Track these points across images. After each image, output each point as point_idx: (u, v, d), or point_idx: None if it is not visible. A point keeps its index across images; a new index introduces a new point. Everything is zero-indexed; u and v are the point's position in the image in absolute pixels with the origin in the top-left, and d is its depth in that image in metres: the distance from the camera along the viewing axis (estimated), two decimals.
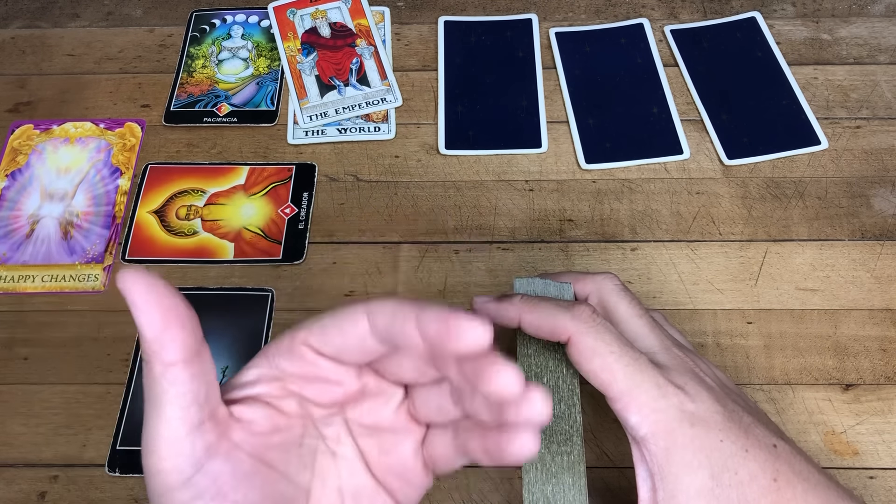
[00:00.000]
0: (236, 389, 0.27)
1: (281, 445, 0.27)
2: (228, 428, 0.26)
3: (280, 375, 0.27)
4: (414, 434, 0.29)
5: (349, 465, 0.28)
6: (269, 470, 0.26)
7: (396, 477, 0.28)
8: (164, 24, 0.58)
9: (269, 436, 0.27)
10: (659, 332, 0.33)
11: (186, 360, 0.24)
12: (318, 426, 0.28)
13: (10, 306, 0.46)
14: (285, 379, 0.27)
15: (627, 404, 0.30)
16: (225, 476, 0.25)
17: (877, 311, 0.45)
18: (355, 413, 0.29)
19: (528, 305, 0.32)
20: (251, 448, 0.26)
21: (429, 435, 0.29)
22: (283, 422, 0.27)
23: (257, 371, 0.27)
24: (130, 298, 0.23)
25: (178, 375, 0.24)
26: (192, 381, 0.24)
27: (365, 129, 0.52)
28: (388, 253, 0.47)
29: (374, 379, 0.28)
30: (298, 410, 0.27)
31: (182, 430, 0.24)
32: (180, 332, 0.24)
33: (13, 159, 0.52)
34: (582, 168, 0.50)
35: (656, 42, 0.56)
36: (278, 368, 0.27)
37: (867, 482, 0.40)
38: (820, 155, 0.51)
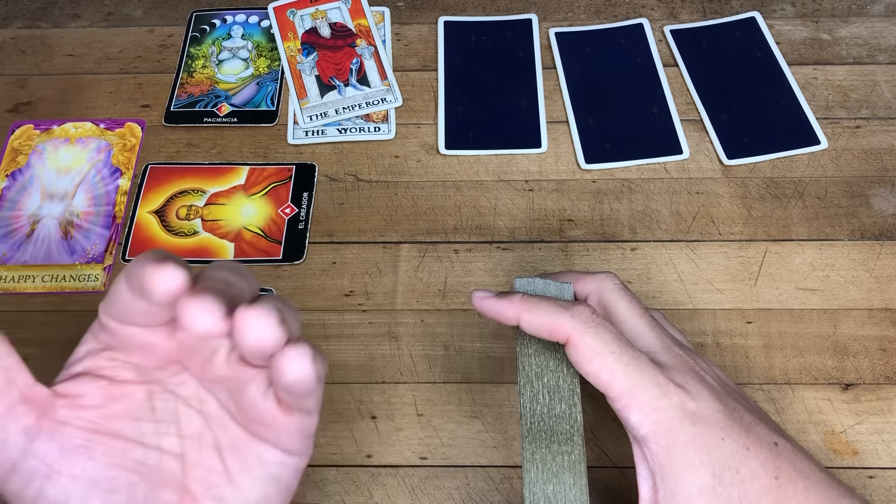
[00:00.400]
0: (66, 369, 0.27)
1: (125, 414, 0.27)
2: (50, 407, 0.26)
3: (103, 347, 0.27)
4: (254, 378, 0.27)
5: (217, 420, 0.28)
6: (113, 439, 0.26)
7: (260, 424, 0.28)
8: (165, 25, 0.58)
9: (104, 407, 0.27)
10: (659, 332, 0.33)
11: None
12: (171, 389, 0.28)
13: (10, 306, 0.46)
14: (109, 349, 0.27)
15: (628, 404, 0.30)
16: (53, 454, 0.25)
17: (876, 310, 0.45)
18: (197, 370, 0.28)
19: (527, 304, 0.32)
20: (83, 422, 0.26)
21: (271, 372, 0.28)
22: (119, 391, 0.27)
23: (85, 347, 0.28)
24: None
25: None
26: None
27: (365, 129, 0.52)
28: (388, 253, 0.47)
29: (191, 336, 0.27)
30: (137, 377, 0.28)
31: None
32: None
33: (13, 159, 0.52)
34: (582, 168, 0.50)
35: (656, 42, 0.56)
36: (100, 341, 0.27)
37: (867, 482, 0.40)
38: (819, 155, 0.51)
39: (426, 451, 0.41)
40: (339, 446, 0.41)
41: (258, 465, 0.28)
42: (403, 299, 0.46)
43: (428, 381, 0.43)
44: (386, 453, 0.41)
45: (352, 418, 0.42)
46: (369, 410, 0.42)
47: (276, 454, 0.28)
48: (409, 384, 0.43)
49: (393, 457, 0.41)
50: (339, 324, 0.45)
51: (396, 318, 0.45)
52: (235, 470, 0.28)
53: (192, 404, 0.28)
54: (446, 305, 0.45)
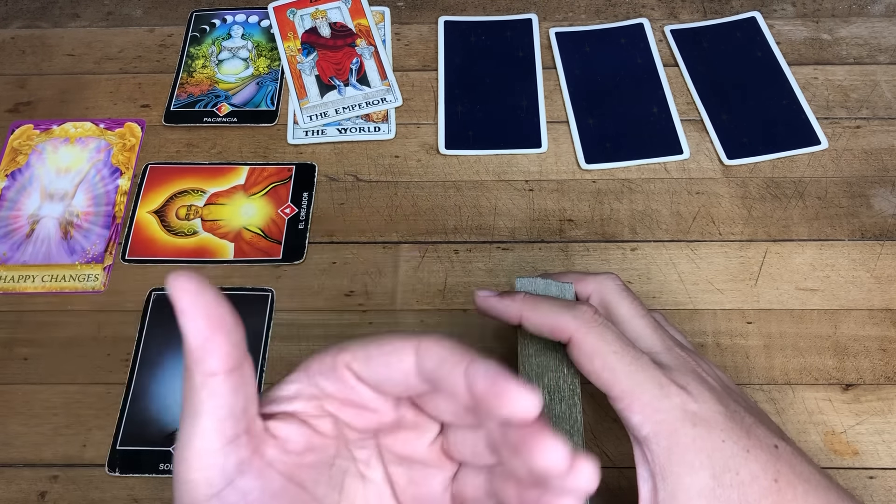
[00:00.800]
0: (274, 403, 0.26)
1: (313, 465, 0.26)
2: (263, 443, 0.25)
3: (319, 394, 0.26)
4: (445, 470, 0.27)
5: (377, 489, 0.28)
6: (298, 490, 0.26)
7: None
8: (164, 24, 0.58)
9: (302, 455, 0.26)
10: (661, 333, 0.33)
11: (228, 371, 0.23)
12: (350, 448, 0.27)
13: (10, 306, 0.46)
14: (324, 398, 0.26)
15: (630, 404, 0.30)
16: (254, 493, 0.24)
17: (877, 311, 0.45)
18: (389, 441, 0.28)
19: (529, 304, 0.32)
20: (283, 466, 0.25)
21: (460, 472, 0.27)
22: (317, 441, 0.26)
23: (296, 387, 0.26)
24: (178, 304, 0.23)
25: (218, 387, 0.23)
26: (232, 394, 0.24)
27: (365, 129, 0.52)
28: (388, 253, 0.47)
29: (411, 411, 0.27)
30: (333, 431, 0.27)
31: (216, 442, 0.24)
32: (225, 342, 0.23)
33: (13, 159, 0.52)
34: (582, 168, 0.50)
35: (656, 42, 0.56)
36: (318, 387, 0.26)
37: (867, 482, 0.40)
38: (820, 155, 0.51)
39: None
40: None
41: None
42: (403, 299, 0.46)
43: None
44: None
45: None
46: None
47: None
48: None
49: None
50: (339, 324, 0.45)
51: (396, 318, 0.45)
52: None
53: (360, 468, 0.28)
54: (446, 305, 0.45)
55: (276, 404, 0.26)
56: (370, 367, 0.25)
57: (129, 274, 0.47)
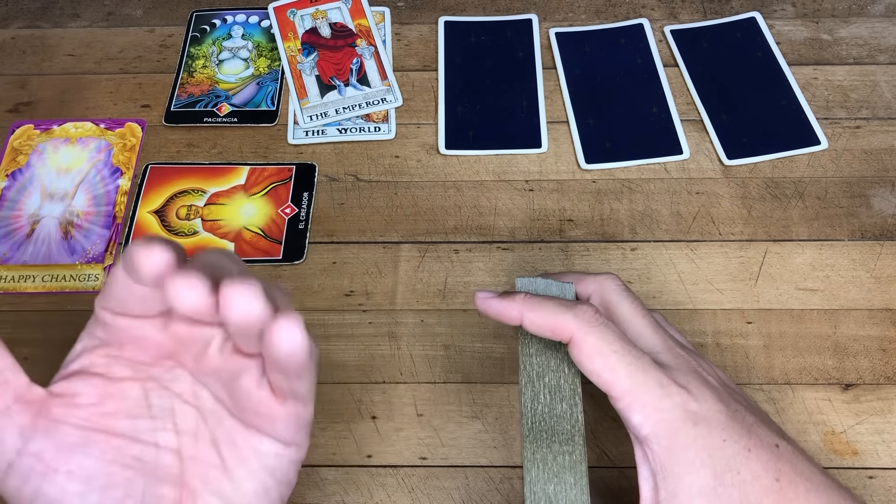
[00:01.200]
0: (63, 368, 0.28)
1: (121, 411, 0.27)
2: (45, 406, 0.26)
3: (98, 343, 0.28)
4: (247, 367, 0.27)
5: (213, 414, 0.28)
6: (110, 437, 0.27)
7: (255, 416, 0.28)
8: (165, 25, 0.58)
9: (100, 405, 0.27)
10: (661, 333, 0.34)
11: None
12: (166, 385, 0.28)
13: (10, 306, 0.46)
14: (104, 346, 0.28)
15: (630, 404, 0.30)
16: (49, 451, 0.25)
17: (876, 311, 0.45)
18: (191, 364, 0.28)
19: (530, 304, 0.32)
20: (79, 420, 0.26)
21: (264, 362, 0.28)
22: (114, 388, 0.27)
23: (80, 345, 0.28)
24: None
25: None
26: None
27: (365, 129, 0.52)
28: (388, 253, 0.47)
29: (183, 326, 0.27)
30: (132, 374, 0.28)
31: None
32: None
33: (13, 159, 0.52)
34: (582, 168, 0.50)
35: (656, 42, 0.56)
36: (95, 337, 0.28)
37: (867, 482, 0.40)
38: (820, 155, 0.51)
39: (426, 451, 0.41)
40: (338, 446, 0.41)
41: (254, 457, 0.28)
42: (403, 299, 0.46)
43: (428, 381, 0.43)
44: (386, 453, 0.41)
45: (352, 418, 0.42)
46: (369, 410, 0.42)
47: (272, 445, 0.28)
48: (409, 384, 0.43)
49: (393, 457, 0.41)
50: (339, 324, 0.45)
51: (396, 318, 0.45)
52: (232, 463, 0.28)
53: (188, 400, 0.29)
54: (446, 305, 0.45)
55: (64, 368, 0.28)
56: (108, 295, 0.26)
57: None
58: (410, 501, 0.40)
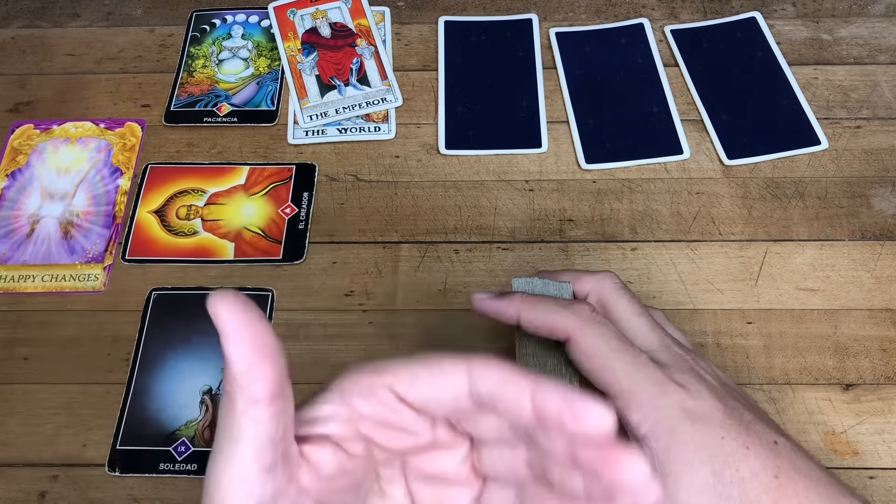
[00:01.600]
0: (308, 425, 0.25)
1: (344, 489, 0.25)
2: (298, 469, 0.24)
3: (354, 416, 0.25)
4: (472, 488, 0.27)
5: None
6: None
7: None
8: (165, 24, 0.58)
9: (335, 479, 0.25)
10: (659, 331, 0.33)
11: (272, 397, 0.22)
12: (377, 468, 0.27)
13: (10, 306, 0.46)
14: (359, 421, 0.25)
15: (628, 402, 0.30)
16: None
17: (877, 311, 0.45)
18: (416, 458, 0.27)
19: (527, 303, 0.32)
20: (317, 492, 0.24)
21: (486, 489, 0.27)
22: (349, 465, 0.25)
23: (331, 408, 0.25)
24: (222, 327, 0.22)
25: (260, 414, 0.22)
26: (273, 422, 0.22)
27: (365, 129, 0.52)
28: (388, 253, 0.47)
29: (446, 431, 0.26)
30: (364, 453, 0.26)
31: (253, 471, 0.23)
32: (270, 368, 0.22)
33: (13, 159, 0.52)
34: (582, 168, 0.50)
35: (656, 42, 0.56)
36: (353, 408, 0.25)
37: (867, 482, 0.40)
38: (820, 155, 0.51)
39: None
40: None
41: None
42: (403, 299, 0.46)
43: None
44: None
45: None
46: None
47: None
48: None
49: None
50: (339, 324, 0.45)
51: (396, 318, 0.45)
52: None
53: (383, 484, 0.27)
54: (446, 305, 0.45)
55: (310, 426, 0.25)
56: (417, 389, 0.24)
57: (130, 274, 0.47)
58: None
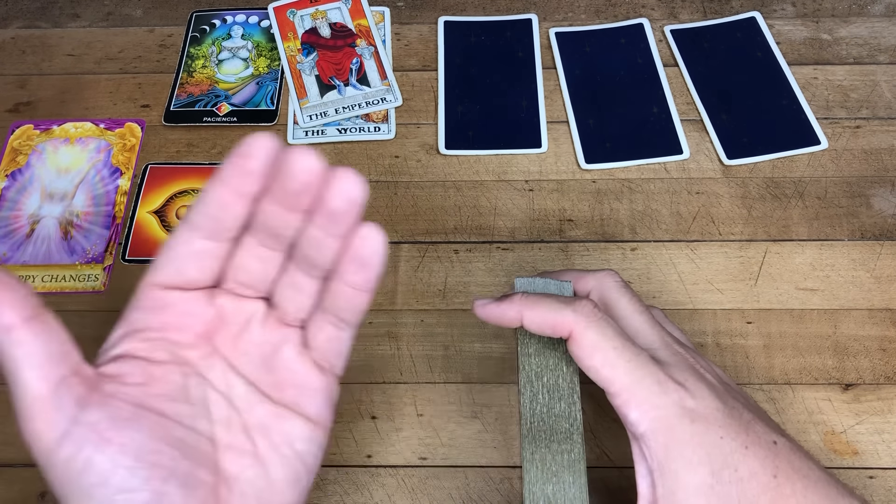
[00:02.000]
0: (102, 354, 0.28)
1: (165, 395, 0.28)
2: (98, 382, 0.26)
3: (138, 328, 0.28)
4: (290, 338, 0.29)
5: (244, 400, 0.29)
6: (156, 416, 0.27)
7: (293, 388, 0.29)
8: (164, 25, 0.59)
9: (146, 386, 0.27)
10: (660, 329, 0.33)
11: (26, 319, 0.25)
12: (201, 373, 0.29)
13: None
14: (144, 330, 0.28)
15: (628, 400, 0.30)
16: (103, 422, 0.26)
17: (877, 310, 0.45)
18: (228, 345, 0.29)
19: (528, 302, 0.32)
20: (129, 397, 0.27)
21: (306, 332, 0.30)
22: (157, 371, 0.28)
23: (119, 331, 0.28)
24: None
25: (21, 336, 0.25)
26: (39, 341, 0.25)
27: (365, 129, 0.52)
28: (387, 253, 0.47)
29: (229, 298, 0.29)
30: (171, 358, 0.28)
31: (44, 387, 0.25)
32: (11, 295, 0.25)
33: (13, 159, 0.52)
34: (582, 168, 0.50)
35: (656, 42, 0.56)
36: (133, 322, 0.28)
37: (867, 482, 0.40)
38: (820, 155, 0.51)
39: (426, 451, 0.41)
40: (338, 446, 0.41)
41: (285, 443, 0.29)
42: (403, 299, 0.46)
43: (428, 381, 0.43)
44: (386, 453, 0.41)
45: (352, 418, 0.42)
46: (369, 410, 0.42)
47: (303, 428, 0.29)
48: (409, 384, 0.43)
49: (393, 457, 0.41)
50: None
51: (396, 318, 0.45)
52: (265, 451, 0.29)
53: (220, 388, 0.29)
54: (446, 305, 0.45)
55: (105, 353, 0.28)
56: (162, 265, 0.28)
57: (130, 274, 0.47)
58: (410, 501, 0.40)
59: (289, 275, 0.29)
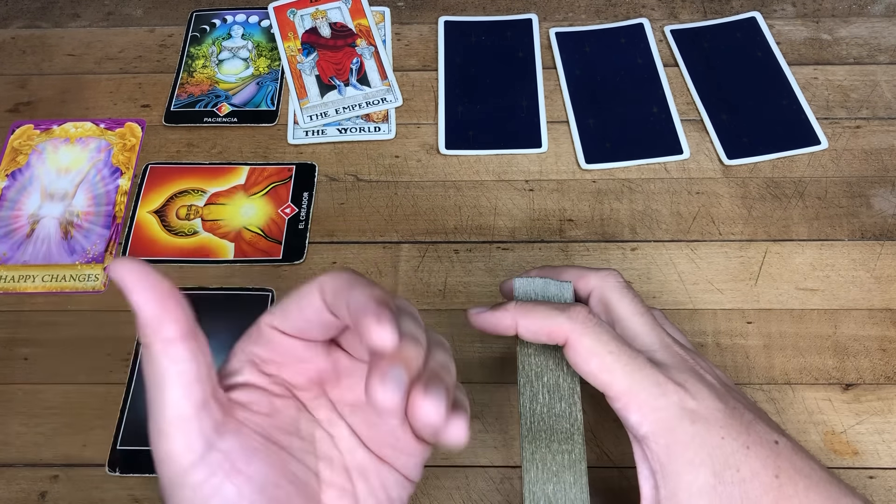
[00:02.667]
0: (226, 378, 0.28)
1: (282, 427, 0.28)
2: (231, 408, 0.26)
3: (257, 361, 0.28)
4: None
5: (346, 443, 0.29)
6: (278, 449, 0.27)
7: (391, 449, 0.29)
8: (165, 24, 0.58)
9: (269, 416, 0.28)
10: (659, 331, 0.33)
11: (185, 336, 0.25)
12: (310, 410, 0.29)
13: (10, 306, 0.46)
14: (262, 364, 0.28)
15: (627, 403, 0.30)
16: (236, 451, 0.26)
17: (877, 310, 0.45)
18: (337, 393, 0.30)
19: (522, 311, 0.32)
20: (256, 426, 0.27)
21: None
22: (278, 403, 0.28)
23: (237, 361, 0.28)
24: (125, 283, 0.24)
25: (178, 352, 0.25)
26: (192, 359, 0.25)
27: (365, 129, 0.52)
28: (388, 253, 0.47)
29: (345, 356, 0.30)
30: (286, 393, 0.29)
31: (189, 408, 0.25)
32: (176, 309, 0.25)
33: (13, 159, 0.52)
34: (582, 168, 0.50)
35: (656, 42, 0.56)
36: (254, 356, 0.28)
37: (867, 482, 0.40)
38: (820, 155, 0.51)
39: None
40: None
41: (381, 487, 0.29)
42: None
43: None
44: None
45: None
46: None
47: (398, 480, 0.29)
48: None
49: None
50: None
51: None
52: (363, 493, 0.29)
53: (326, 427, 0.29)
54: (446, 305, 0.45)
55: (229, 378, 0.28)
56: (287, 317, 0.27)
57: None
58: (410, 501, 0.39)
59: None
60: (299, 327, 0.28)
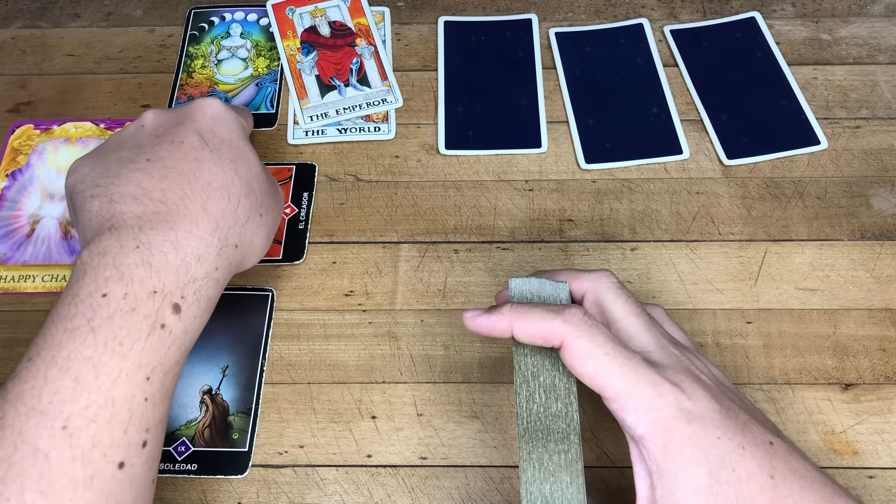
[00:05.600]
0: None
1: None
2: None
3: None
4: None
5: None
6: None
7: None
8: (165, 25, 0.59)
9: None
10: (655, 331, 0.33)
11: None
12: None
13: (10, 306, 0.46)
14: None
15: (624, 404, 0.30)
16: None
17: (876, 310, 0.45)
18: None
19: (518, 314, 0.32)
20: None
21: None
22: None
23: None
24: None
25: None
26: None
27: (365, 129, 0.52)
28: (388, 253, 0.48)
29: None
30: None
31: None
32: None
33: (13, 159, 0.52)
34: (582, 168, 0.50)
35: (656, 42, 0.56)
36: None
37: (867, 482, 0.40)
38: (819, 155, 0.51)
39: (426, 451, 0.41)
40: (339, 446, 0.41)
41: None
42: (403, 299, 0.46)
43: (428, 381, 0.43)
44: (386, 453, 0.41)
45: (352, 418, 0.42)
46: (369, 410, 0.42)
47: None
48: (409, 384, 0.43)
49: (393, 457, 0.41)
50: (339, 324, 0.45)
51: (396, 318, 0.45)
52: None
53: None
54: (446, 305, 0.45)
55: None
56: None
57: None
58: (410, 501, 0.40)
59: None
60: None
